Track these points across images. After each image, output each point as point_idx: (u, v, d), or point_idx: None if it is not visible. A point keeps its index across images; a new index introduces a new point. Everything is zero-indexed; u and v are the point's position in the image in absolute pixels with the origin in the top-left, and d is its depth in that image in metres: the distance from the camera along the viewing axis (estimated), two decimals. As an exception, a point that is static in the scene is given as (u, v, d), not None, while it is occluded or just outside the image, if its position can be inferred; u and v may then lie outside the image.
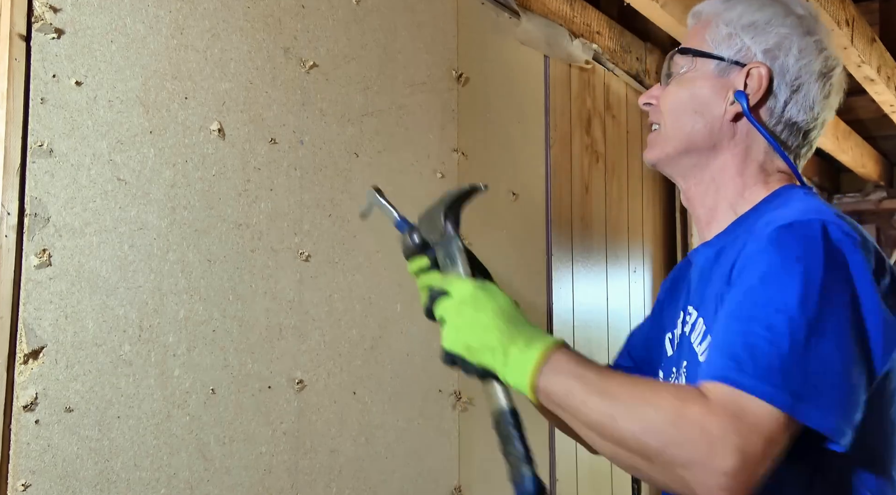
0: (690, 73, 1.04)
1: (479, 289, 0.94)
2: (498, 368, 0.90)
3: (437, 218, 1.02)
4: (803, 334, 0.79)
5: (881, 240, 3.85)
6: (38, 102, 0.98)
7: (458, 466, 1.59)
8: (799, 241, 0.85)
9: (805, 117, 1.01)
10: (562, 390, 0.85)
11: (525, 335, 0.89)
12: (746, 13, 1.02)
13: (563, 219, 2.03)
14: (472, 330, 0.91)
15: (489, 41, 1.78)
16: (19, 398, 0.94)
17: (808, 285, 0.81)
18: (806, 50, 1.00)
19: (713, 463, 0.73)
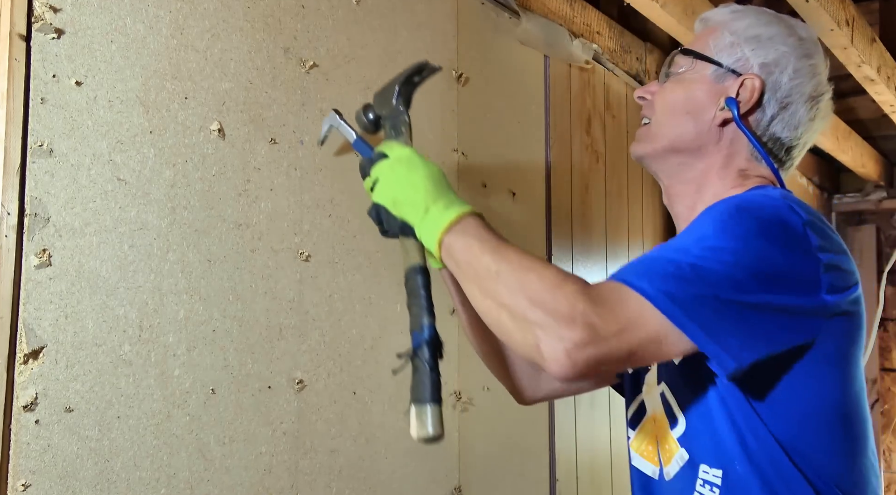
0: (688, 74, 1.08)
1: (416, 154, 1.01)
2: (416, 223, 0.96)
3: (389, 93, 1.09)
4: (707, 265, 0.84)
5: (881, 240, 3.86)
6: (38, 102, 0.98)
7: (458, 466, 1.59)
8: (740, 205, 0.90)
9: (789, 135, 1.06)
10: (462, 246, 0.91)
11: (448, 199, 0.96)
12: (752, 26, 1.06)
13: (563, 218, 2.03)
14: (401, 185, 0.98)
15: (489, 41, 1.78)
16: (19, 398, 0.94)
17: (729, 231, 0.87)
18: (801, 71, 1.04)
19: (564, 330, 0.80)
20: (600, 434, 2.13)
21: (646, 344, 0.83)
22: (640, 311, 0.82)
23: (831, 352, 0.92)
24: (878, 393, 3.77)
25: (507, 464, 1.76)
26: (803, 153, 1.10)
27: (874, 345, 3.73)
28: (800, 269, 0.87)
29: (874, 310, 3.74)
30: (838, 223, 3.88)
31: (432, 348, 0.97)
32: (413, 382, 0.97)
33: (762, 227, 0.87)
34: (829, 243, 0.91)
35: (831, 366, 0.93)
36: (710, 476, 0.95)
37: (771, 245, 0.87)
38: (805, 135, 1.07)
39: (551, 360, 0.81)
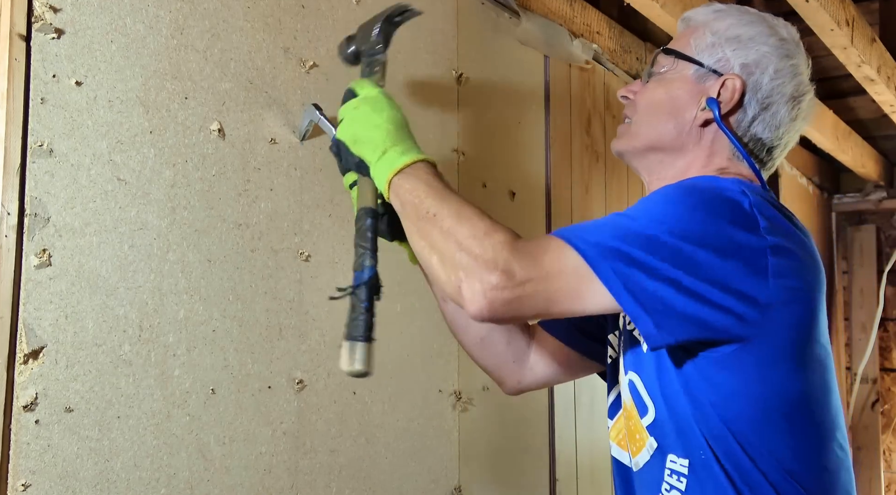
0: (670, 73, 1.09)
1: (383, 96, 1.04)
2: (371, 163, 1.00)
3: (370, 29, 1.14)
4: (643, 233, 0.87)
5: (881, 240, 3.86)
6: (38, 102, 0.98)
7: (459, 466, 1.59)
8: (692, 184, 0.92)
9: (770, 136, 1.06)
10: (409, 187, 0.95)
11: (407, 145, 1.00)
12: (734, 26, 1.07)
13: (563, 219, 2.03)
14: (363, 125, 1.02)
15: (489, 41, 1.78)
16: (19, 398, 0.94)
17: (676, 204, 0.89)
18: (781, 71, 1.04)
19: (484, 273, 0.85)
20: (600, 434, 2.13)
21: (564, 294, 0.87)
22: (563, 261, 0.86)
23: (784, 342, 0.91)
24: (878, 393, 3.77)
25: (507, 464, 1.76)
26: (784, 153, 1.10)
27: (874, 345, 3.73)
28: (742, 247, 0.87)
29: (874, 310, 3.74)
30: (838, 223, 3.88)
31: (369, 290, 1.02)
32: (348, 319, 1.02)
33: (709, 203, 0.88)
34: (780, 227, 0.91)
35: (784, 356, 0.92)
36: (677, 465, 0.96)
37: (716, 219, 0.87)
38: (786, 135, 1.07)
39: (470, 301, 0.86)
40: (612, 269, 0.85)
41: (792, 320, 0.91)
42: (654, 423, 0.99)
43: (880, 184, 3.74)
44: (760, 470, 0.91)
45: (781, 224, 0.92)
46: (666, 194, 0.91)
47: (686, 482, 0.94)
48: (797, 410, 0.94)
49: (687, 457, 0.94)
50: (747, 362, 0.90)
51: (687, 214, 0.87)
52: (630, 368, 1.05)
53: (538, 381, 1.28)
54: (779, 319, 0.89)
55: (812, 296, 0.94)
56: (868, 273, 3.80)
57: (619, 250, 0.86)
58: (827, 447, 0.96)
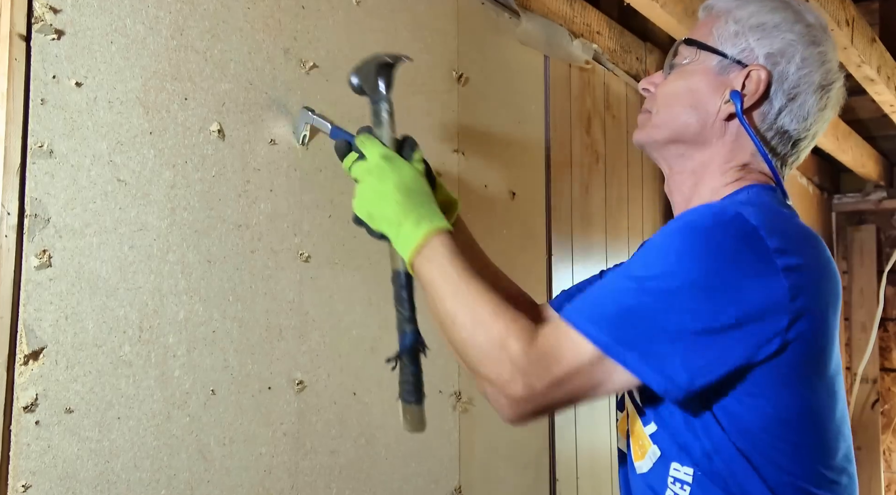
0: (692, 65, 1.04)
1: (385, 160, 1.04)
2: (392, 239, 1.01)
3: (370, 74, 1.15)
4: (651, 295, 0.86)
5: (881, 240, 3.85)
6: (38, 103, 0.98)
7: (459, 467, 1.59)
8: (689, 223, 0.90)
9: (797, 127, 1.01)
10: (427, 278, 0.97)
11: (417, 213, 0.99)
12: (757, 14, 1.02)
13: (563, 219, 2.03)
14: (374, 199, 1.02)
15: (489, 41, 1.78)
16: (19, 399, 0.94)
17: (675, 255, 0.87)
18: (808, 60, 1.00)
19: (506, 388, 0.87)
20: (600, 434, 2.13)
21: (588, 387, 0.88)
22: (579, 358, 0.86)
23: (797, 361, 0.89)
24: (878, 393, 3.77)
25: (507, 464, 1.76)
26: (812, 144, 1.05)
27: (874, 345, 3.73)
28: (753, 278, 0.84)
29: (874, 310, 3.74)
30: (838, 223, 3.88)
31: (413, 354, 1.06)
32: (399, 380, 1.07)
33: (712, 242, 0.86)
34: (791, 244, 0.88)
35: (798, 375, 0.90)
36: (681, 474, 0.95)
37: (718, 260, 0.85)
38: (815, 126, 1.02)
39: (499, 411, 0.90)
40: (626, 347, 0.85)
41: (807, 338, 0.88)
42: (658, 433, 0.98)
43: (880, 184, 3.74)
44: (767, 485, 0.89)
45: (792, 239, 0.89)
46: (669, 244, 0.89)
47: (690, 490, 0.93)
48: (807, 426, 0.92)
49: (691, 467, 0.93)
50: (760, 384, 0.88)
51: (693, 263, 0.85)
52: None
53: None
54: (794, 338, 0.87)
55: (826, 313, 0.91)
56: (868, 273, 3.80)
57: (631, 324, 0.85)
58: (834, 460, 0.94)
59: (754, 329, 0.85)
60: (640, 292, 0.86)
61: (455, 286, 0.94)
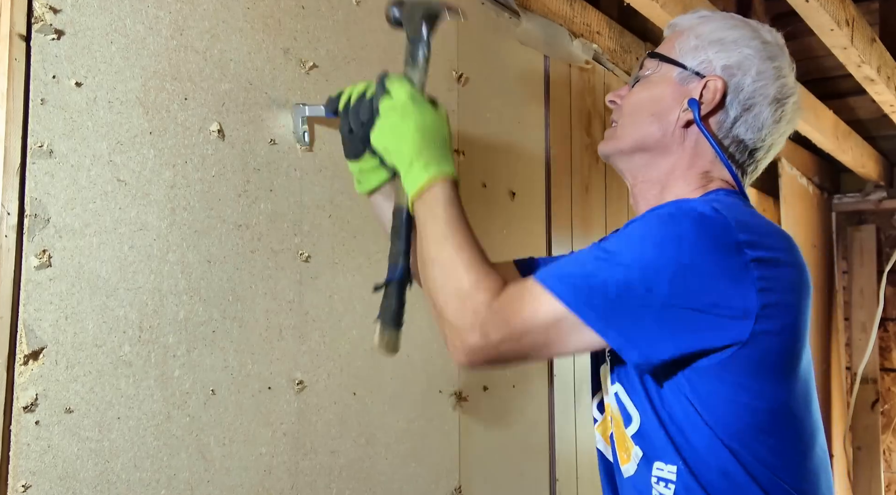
0: (654, 76, 1.11)
1: (411, 100, 1.07)
2: (402, 175, 1.05)
3: (416, 15, 1.14)
4: (623, 268, 0.89)
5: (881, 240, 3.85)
6: (38, 103, 0.98)
7: (459, 467, 1.59)
8: (667, 210, 0.93)
9: (752, 137, 1.06)
10: (422, 218, 1.02)
11: (430, 155, 1.03)
12: (717, 30, 1.08)
13: (563, 219, 2.03)
14: (392, 134, 1.06)
15: (489, 41, 1.78)
16: (19, 399, 0.94)
17: (651, 235, 0.91)
18: (764, 73, 1.05)
19: (463, 335, 0.92)
20: (600, 434, 2.13)
21: (543, 344, 0.92)
22: (541, 313, 0.90)
23: (769, 352, 0.92)
24: (878, 393, 3.77)
25: (507, 464, 1.76)
26: (769, 157, 1.10)
27: (874, 345, 3.73)
28: (722, 266, 0.88)
29: (874, 310, 3.74)
30: (838, 223, 3.88)
31: (401, 285, 1.10)
32: (382, 304, 1.11)
33: (685, 228, 0.89)
34: (760, 239, 0.92)
35: (770, 365, 0.93)
36: (664, 472, 0.97)
37: (694, 243, 0.88)
38: (769, 137, 1.07)
39: (452, 354, 0.95)
40: (589, 307, 0.88)
41: (777, 329, 0.91)
42: (639, 433, 1.00)
43: (880, 184, 3.74)
44: (750, 474, 0.92)
45: (761, 235, 0.92)
46: (645, 225, 0.93)
47: (674, 488, 0.95)
48: (783, 416, 0.95)
49: (675, 464, 0.95)
50: (733, 372, 0.91)
51: (661, 246, 0.89)
52: (617, 380, 1.05)
53: None
54: (764, 329, 0.90)
55: (797, 307, 0.94)
56: (868, 273, 3.80)
57: (598, 287, 0.88)
58: (811, 450, 0.98)
59: (720, 314, 0.88)
60: (612, 264, 0.90)
61: (443, 231, 0.99)
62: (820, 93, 2.96)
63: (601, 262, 0.91)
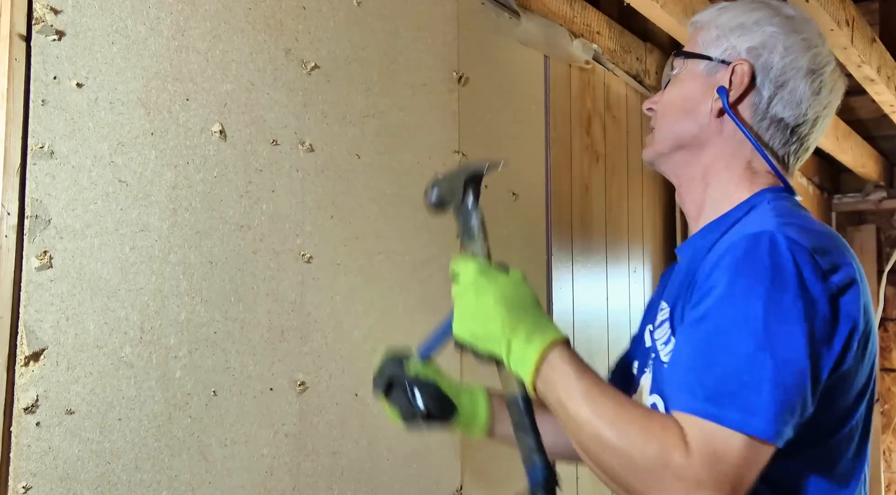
0: (682, 74, 1.08)
1: (481, 275, 0.97)
2: (504, 359, 0.92)
3: (457, 185, 1.04)
4: (755, 353, 0.81)
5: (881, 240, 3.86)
6: (38, 104, 0.97)
7: (460, 467, 1.59)
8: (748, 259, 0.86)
9: (792, 113, 1.02)
10: (555, 399, 0.88)
11: (526, 327, 0.91)
12: (736, 16, 1.06)
13: (563, 219, 2.03)
14: (475, 318, 0.94)
15: (489, 42, 1.78)
16: (20, 400, 0.94)
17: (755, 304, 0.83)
18: (792, 47, 1.02)
19: None
20: (601, 434, 2.13)
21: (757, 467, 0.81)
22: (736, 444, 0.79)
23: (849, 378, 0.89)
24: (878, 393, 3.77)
25: (507, 465, 1.76)
26: (816, 133, 1.05)
27: (874, 345, 3.73)
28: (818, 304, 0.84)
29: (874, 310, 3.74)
30: (838, 223, 3.88)
31: (548, 491, 0.93)
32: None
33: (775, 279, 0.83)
34: (836, 258, 0.88)
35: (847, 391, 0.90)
36: None
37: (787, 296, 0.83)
38: (811, 110, 1.03)
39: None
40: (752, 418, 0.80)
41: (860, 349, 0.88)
42: None
43: (880, 184, 3.74)
44: None
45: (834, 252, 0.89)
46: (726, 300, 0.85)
47: None
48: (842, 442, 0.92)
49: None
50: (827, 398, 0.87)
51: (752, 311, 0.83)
52: (655, 391, 1.01)
53: None
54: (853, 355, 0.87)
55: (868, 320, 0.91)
56: (868, 273, 3.80)
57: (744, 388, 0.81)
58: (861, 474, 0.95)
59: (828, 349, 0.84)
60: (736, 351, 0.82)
61: (592, 406, 0.85)
62: (820, 93, 2.95)
63: (729, 355, 0.81)
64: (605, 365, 2.23)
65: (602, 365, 2.21)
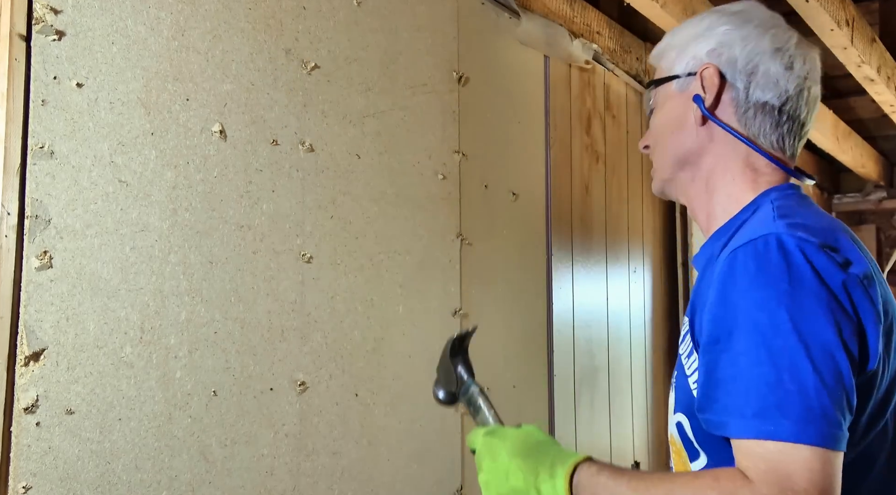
0: (659, 100, 1.11)
1: (490, 436, 0.97)
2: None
3: (449, 369, 1.11)
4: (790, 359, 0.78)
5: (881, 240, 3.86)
6: (38, 104, 0.97)
7: (461, 468, 1.59)
8: (760, 267, 0.84)
9: (773, 93, 1.02)
10: None
11: (546, 464, 0.89)
12: (688, 31, 1.09)
13: (563, 219, 2.03)
14: (497, 479, 0.93)
15: (489, 42, 1.78)
16: (20, 400, 0.94)
17: (778, 310, 0.81)
18: (749, 36, 1.03)
19: None
20: (600, 434, 2.13)
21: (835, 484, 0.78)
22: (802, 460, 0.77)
23: (878, 371, 0.85)
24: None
25: (508, 465, 1.76)
26: (806, 105, 1.04)
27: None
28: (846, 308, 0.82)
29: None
30: (838, 223, 3.88)
31: None
32: None
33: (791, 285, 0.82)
34: (848, 253, 0.86)
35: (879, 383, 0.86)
36: None
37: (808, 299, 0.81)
38: (790, 84, 1.02)
39: None
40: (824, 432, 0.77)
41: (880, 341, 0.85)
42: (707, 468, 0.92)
43: (880, 184, 3.74)
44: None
45: (842, 247, 0.87)
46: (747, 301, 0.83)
47: None
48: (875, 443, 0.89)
49: None
50: None
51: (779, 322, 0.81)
52: (679, 409, 0.97)
53: None
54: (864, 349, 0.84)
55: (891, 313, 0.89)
56: (868, 273, 3.80)
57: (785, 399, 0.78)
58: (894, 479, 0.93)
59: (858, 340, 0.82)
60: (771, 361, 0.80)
61: None
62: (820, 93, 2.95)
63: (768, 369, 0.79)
64: (606, 364, 2.23)
65: (602, 364, 2.21)
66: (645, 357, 2.45)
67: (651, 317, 2.50)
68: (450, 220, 1.61)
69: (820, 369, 0.79)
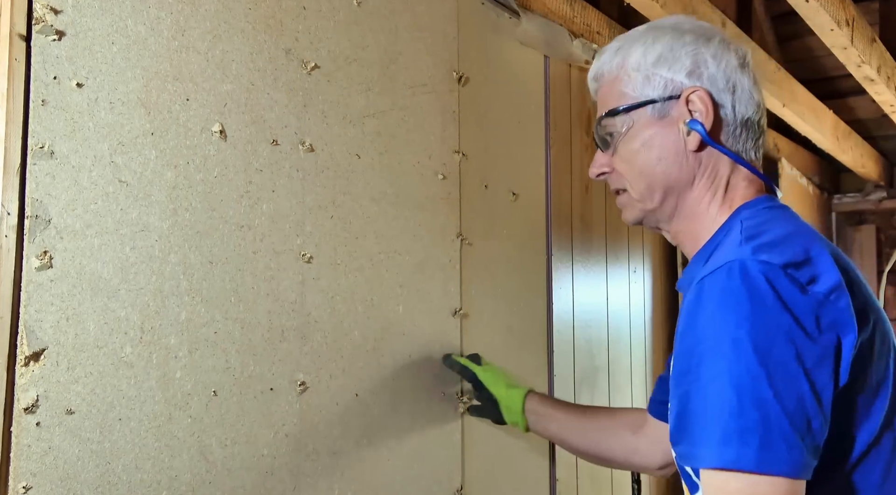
0: (633, 128, 1.04)
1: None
2: None
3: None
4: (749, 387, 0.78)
5: (881, 240, 3.86)
6: (38, 104, 0.97)
7: (462, 468, 1.59)
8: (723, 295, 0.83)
9: (752, 108, 1.03)
10: None
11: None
12: (647, 52, 1.03)
13: (563, 219, 2.03)
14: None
15: (489, 42, 1.78)
16: (20, 400, 0.94)
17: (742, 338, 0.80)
18: (717, 53, 1.02)
19: None
20: (601, 434, 2.12)
21: None
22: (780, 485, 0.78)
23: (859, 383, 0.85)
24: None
25: (508, 465, 1.76)
26: (764, 117, 1.06)
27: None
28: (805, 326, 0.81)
29: (875, 309, 3.74)
30: (838, 223, 3.88)
31: None
32: None
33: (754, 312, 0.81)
34: (815, 267, 0.85)
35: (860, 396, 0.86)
36: None
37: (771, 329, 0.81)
38: (759, 96, 1.04)
39: None
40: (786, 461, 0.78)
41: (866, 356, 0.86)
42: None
43: (880, 184, 3.74)
44: None
45: (809, 261, 0.86)
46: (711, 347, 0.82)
47: None
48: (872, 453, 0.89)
49: None
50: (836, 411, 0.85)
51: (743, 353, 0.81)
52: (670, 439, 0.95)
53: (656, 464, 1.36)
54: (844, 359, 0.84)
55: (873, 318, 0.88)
56: (868, 273, 3.80)
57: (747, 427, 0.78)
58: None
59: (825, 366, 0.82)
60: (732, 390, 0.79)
61: None
62: (820, 93, 2.96)
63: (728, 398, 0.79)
64: (606, 364, 2.23)
65: (602, 364, 2.21)
66: (645, 357, 2.45)
67: (651, 317, 2.50)
68: (450, 220, 1.61)
69: (782, 396, 0.78)
